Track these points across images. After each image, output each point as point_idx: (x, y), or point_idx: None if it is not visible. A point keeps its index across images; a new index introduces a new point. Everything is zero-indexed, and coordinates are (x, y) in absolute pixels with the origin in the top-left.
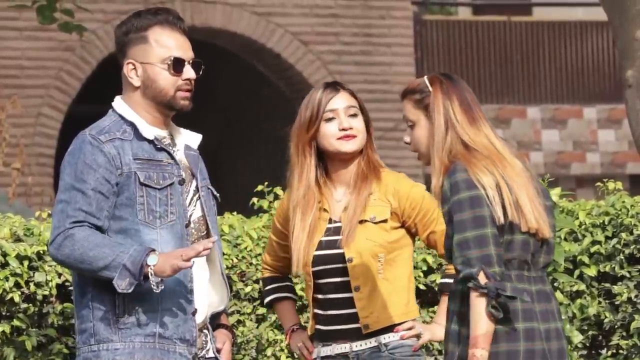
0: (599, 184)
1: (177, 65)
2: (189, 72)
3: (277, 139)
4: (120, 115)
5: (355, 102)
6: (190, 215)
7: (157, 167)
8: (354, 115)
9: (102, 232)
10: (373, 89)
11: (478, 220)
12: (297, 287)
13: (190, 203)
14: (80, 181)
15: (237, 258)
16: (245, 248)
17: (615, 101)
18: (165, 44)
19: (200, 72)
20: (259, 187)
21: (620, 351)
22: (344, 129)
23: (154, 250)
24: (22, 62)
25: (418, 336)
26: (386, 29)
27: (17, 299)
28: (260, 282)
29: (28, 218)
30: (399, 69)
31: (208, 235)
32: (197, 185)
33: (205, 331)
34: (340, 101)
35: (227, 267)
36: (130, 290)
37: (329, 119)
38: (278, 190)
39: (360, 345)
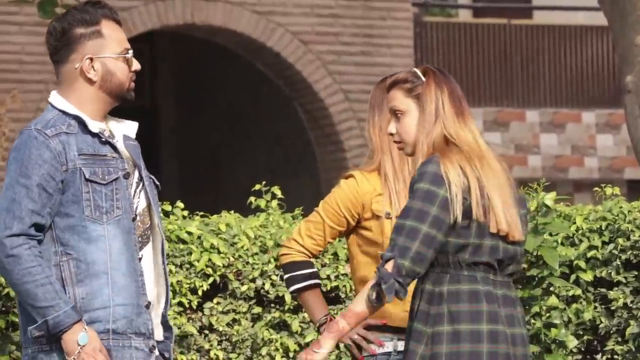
0: (596, 188)
1: (131, 57)
2: (136, 64)
3: (275, 138)
4: (61, 110)
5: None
6: (136, 208)
7: (102, 162)
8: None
9: (42, 230)
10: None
11: (421, 215)
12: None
13: (134, 195)
14: (25, 177)
15: (233, 257)
16: (242, 247)
17: (614, 106)
18: (117, 37)
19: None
20: (257, 186)
21: (616, 356)
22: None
23: (81, 320)
24: (22, 57)
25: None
26: (386, 30)
27: (13, 293)
28: (286, 266)
29: None
30: (399, 70)
31: (152, 225)
32: (139, 175)
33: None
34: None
35: (224, 266)
36: (40, 340)
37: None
38: (276, 189)
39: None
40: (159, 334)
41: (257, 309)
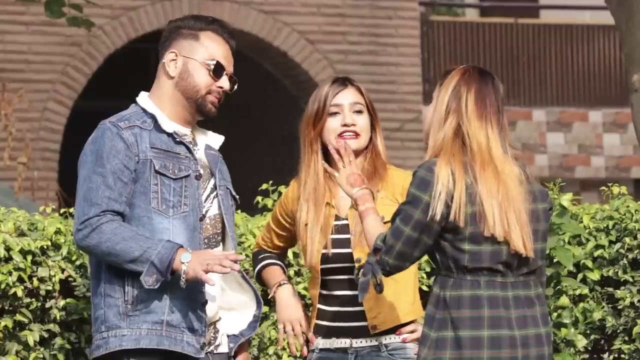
0: (603, 188)
1: (217, 70)
2: (224, 82)
3: (282, 137)
4: (142, 108)
5: (363, 99)
6: (207, 211)
7: (174, 159)
8: (359, 112)
9: (123, 217)
10: (379, 89)
11: (406, 217)
12: (300, 287)
13: (206, 199)
14: (101, 166)
15: None
16: (249, 246)
17: (620, 105)
18: (214, 49)
19: (233, 90)
20: (264, 186)
21: (622, 356)
22: (345, 125)
23: (182, 246)
24: (28, 56)
25: (417, 340)
26: (393, 30)
27: (20, 293)
28: (251, 256)
29: (32, 213)
30: (406, 70)
31: (224, 232)
32: (215, 183)
33: (219, 326)
34: (347, 96)
35: None
36: (157, 286)
37: (333, 114)
38: (282, 189)
39: (361, 342)
40: (222, 337)
41: (263, 309)
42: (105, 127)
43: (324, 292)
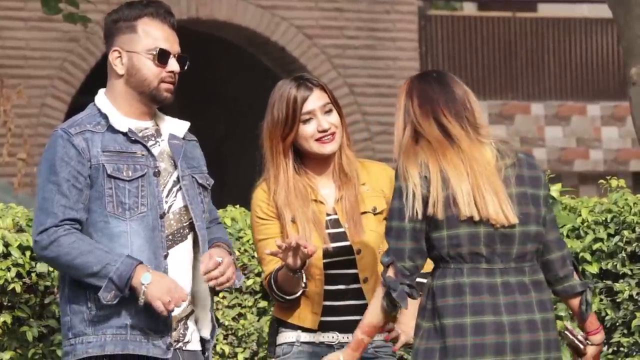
0: (601, 181)
1: (162, 56)
2: (173, 65)
3: None
4: (97, 108)
5: (328, 97)
6: (170, 206)
7: (129, 159)
8: (329, 112)
9: (81, 225)
10: (377, 83)
11: (401, 213)
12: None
13: (169, 194)
14: (54, 174)
15: (239, 251)
16: (248, 241)
17: (619, 98)
18: (153, 35)
19: (185, 68)
20: None
21: (621, 349)
22: (323, 130)
23: (141, 262)
24: (26, 52)
25: (396, 339)
26: (391, 24)
27: (18, 289)
28: (267, 288)
29: (31, 208)
30: (404, 64)
31: (191, 225)
32: (178, 175)
33: (189, 323)
34: (316, 100)
35: None
36: (114, 302)
37: (306, 120)
38: None
39: (348, 337)
40: (190, 332)
41: (262, 303)
42: (57, 135)
43: (328, 287)
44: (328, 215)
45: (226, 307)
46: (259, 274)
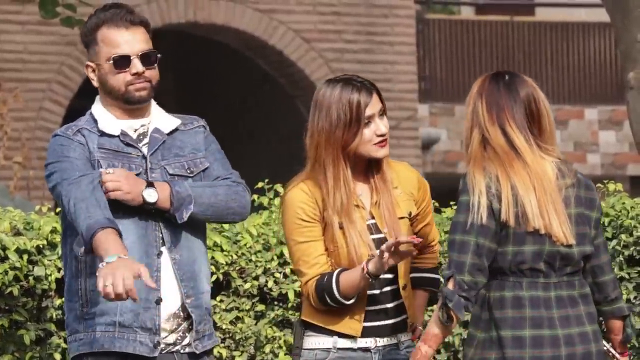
0: (599, 185)
1: (119, 63)
2: (136, 66)
3: (278, 136)
4: (92, 114)
5: (381, 100)
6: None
7: (124, 159)
8: (383, 116)
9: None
10: None
11: (467, 226)
12: (296, 285)
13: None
14: (64, 157)
15: (236, 254)
16: (245, 245)
17: (616, 102)
18: (111, 42)
19: (157, 62)
20: (259, 184)
21: None
22: (381, 135)
23: (113, 228)
24: (24, 56)
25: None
26: (389, 28)
27: (16, 292)
28: (315, 291)
29: (28, 212)
30: (401, 68)
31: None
32: (146, 168)
33: (186, 324)
34: (375, 104)
35: (227, 264)
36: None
37: (366, 124)
38: (278, 187)
39: (384, 340)
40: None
41: (260, 307)
42: (57, 136)
43: (374, 292)
44: (369, 219)
45: (224, 311)
46: (256, 278)
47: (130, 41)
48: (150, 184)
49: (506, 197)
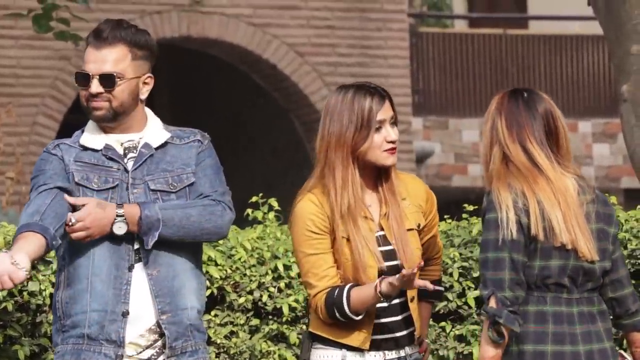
0: None
1: (79, 79)
2: (92, 87)
3: (272, 149)
4: (83, 129)
5: (393, 109)
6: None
7: (102, 172)
8: (394, 124)
9: (69, 193)
10: None
11: (498, 243)
12: (290, 299)
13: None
14: (40, 170)
15: (230, 269)
16: (239, 259)
17: (610, 115)
18: (84, 59)
19: (114, 86)
20: (254, 198)
21: None
22: (391, 141)
23: (33, 231)
24: (17, 70)
25: (426, 350)
26: (382, 41)
27: (10, 307)
28: (324, 305)
29: None
30: (395, 81)
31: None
32: (127, 184)
33: (163, 341)
34: (387, 111)
35: (221, 278)
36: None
37: (376, 129)
38: (272, 201)
39: (392, 354)
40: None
41: (254, 321)
42: (40, 156)
43: (382, 305)
44: (377, 231)
45: (218, 325)
46: (251, 292)
47: (97, 60)
48: (120, 207)
49: (534, 212)
